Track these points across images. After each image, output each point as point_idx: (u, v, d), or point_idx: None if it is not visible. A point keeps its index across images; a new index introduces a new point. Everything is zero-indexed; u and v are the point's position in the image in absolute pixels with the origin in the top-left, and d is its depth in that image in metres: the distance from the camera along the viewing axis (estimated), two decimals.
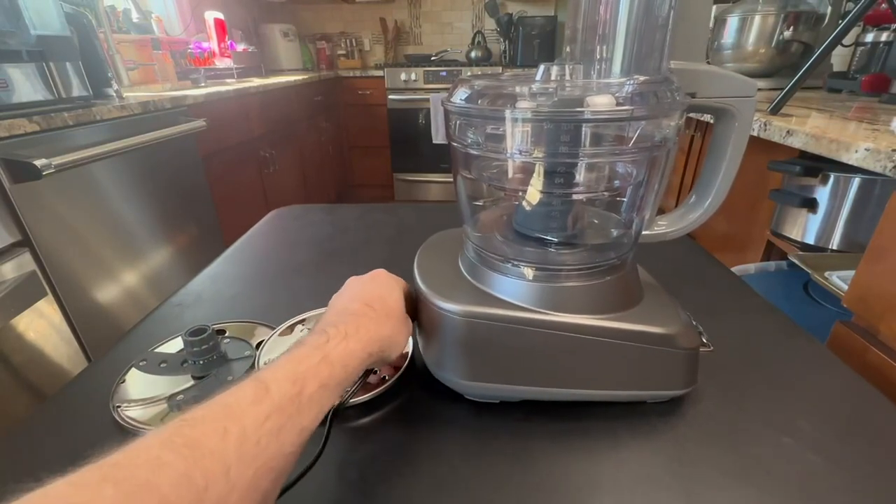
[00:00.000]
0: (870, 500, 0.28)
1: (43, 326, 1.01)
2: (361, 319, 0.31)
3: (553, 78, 0.31)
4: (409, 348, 0.41)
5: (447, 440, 0.33)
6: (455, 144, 0.34)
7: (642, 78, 0.28)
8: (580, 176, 0.33)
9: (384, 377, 0.37)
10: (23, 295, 0.96)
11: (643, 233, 0.37)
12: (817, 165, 0.85)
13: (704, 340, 0.35)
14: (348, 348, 0.28)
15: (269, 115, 2.02)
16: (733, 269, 0.65)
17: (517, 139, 0.30)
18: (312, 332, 0.29)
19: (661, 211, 0.40)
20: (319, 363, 0.26)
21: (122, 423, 0.34)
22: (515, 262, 0.34)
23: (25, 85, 1.04)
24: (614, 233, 0.38)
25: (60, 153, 0.98)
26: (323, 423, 0.26)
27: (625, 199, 0.36)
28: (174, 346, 0.43)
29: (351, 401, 0.35)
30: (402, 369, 0.38)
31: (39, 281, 0.99)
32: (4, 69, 1.00)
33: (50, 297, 1.02)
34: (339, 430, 0.34)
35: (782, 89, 0.90)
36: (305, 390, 0.24)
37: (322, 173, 2.70)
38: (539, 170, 0.33)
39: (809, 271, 0.77)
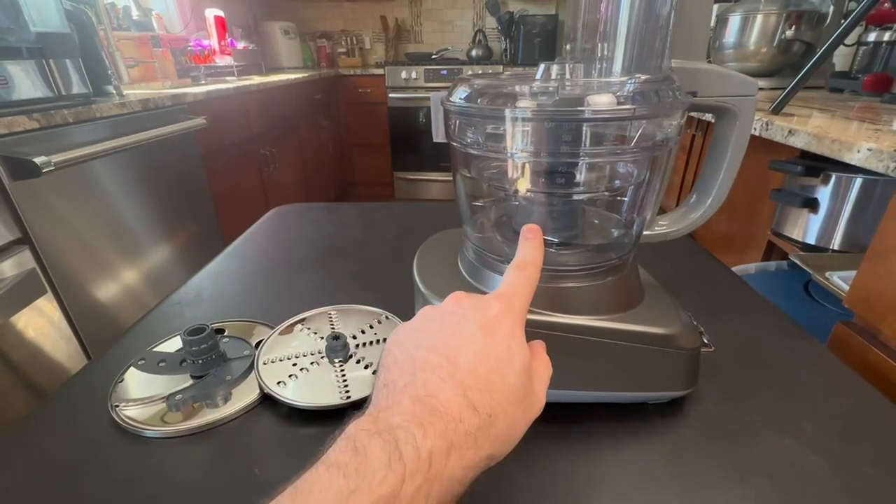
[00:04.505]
0: (870, 502, 0.28)
1: (42, 324, 1.01)
2: (461, 431, 0.19)
3: (553, 77, 0.31)
4: None
5: None
6: (454, 144, 0.34)
7: (643, 77, 0.28)
8: (581, 176, 0.33)
9: None
10: (22, 293, 0.96)
11: (644, 233, 0.37)
12: (819, 165, 0.85)
13: (705, 341, 0.35)
14: (432, 498, 0.18)
15: (269, 113, 2.02)
16: (734, 269, 0.65)
17: (517, 139, 0.30)
18: (366, 437, 0.18)
19: (662, 211, 0.39)
20: None
21: (120, 422, 0.34)
22: None
23: (25, 82, 1.04)
24: (615, 233, 0.37)
25: (60, 151, 0.98)
26: None
27: (625, 199, 0.36)
28: (173, 344, 0.43)
29: (350, 400, 0.35)
30: None
31: (39, 279, 0.99)
32: (4, 66, 1.00)
33: (49, 294, 1.02)
34: None
35: (784, 89, 0.89)
36: None
37: (322, 172, 2.70)
38: (539, 169, 0.32)
39: (810, 271, 0.77)
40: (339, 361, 0.39)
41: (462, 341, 0.21)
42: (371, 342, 0.42)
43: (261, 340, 0.42)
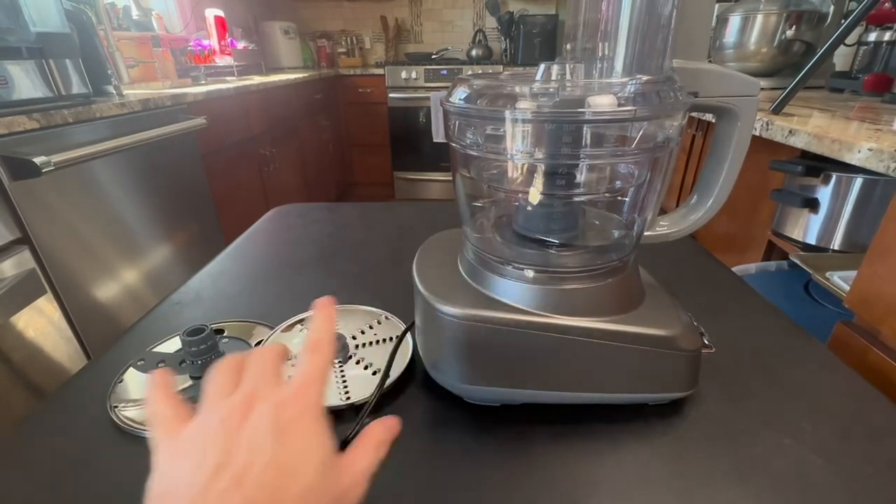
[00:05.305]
0: (870, 502, 0.28)
1: (42, 324, 1.01)
2: None
3: (554, 77, 0.31)
4: (409, 352, 0.40)
5: (447, 442, 0.33)
6: (454, 145, 0.33)
7: (645, 77, 0.28)
8: (581, 177, 0.33)
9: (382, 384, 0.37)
10: (22, 293, 0.96)
11: (645, 234, 0.36)
12: (819, 165, 0.85)
13: (706, 342, 0.35)
14: None
15: (269, 113, 2.02)
16: (734, 269, 0.65)
17: (517, 140, 0.30)
18: None
19: (663, 211, 0.39)
20: None
21: (119, 423, 0.34)
22: (515, 265, 0.33)
23: (25, 82, 1.04)
24: (616, 234, 0.37)
25: (60, 151, 0.98)
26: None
27: (626, 200, 0.36)
28: (173, 345, 0.43)
29: (349, 401, 0.35)
30: (402, 372, 0.38)
31: (39, 279, 0.99)
32: (4, 66, 1.00)
33: (49, 294, 1.02)
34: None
35: (784, 89, 0.89)
36: None
37: (322, 172, 2.70)
38: (539, 171, 0.32)
39: (811, 271, 0.77)
40: (339, 362, 0.39)
41: (252, 456, 0.20)
42: (371, 342, 0.42)
43: (261, 340, 0.42)
